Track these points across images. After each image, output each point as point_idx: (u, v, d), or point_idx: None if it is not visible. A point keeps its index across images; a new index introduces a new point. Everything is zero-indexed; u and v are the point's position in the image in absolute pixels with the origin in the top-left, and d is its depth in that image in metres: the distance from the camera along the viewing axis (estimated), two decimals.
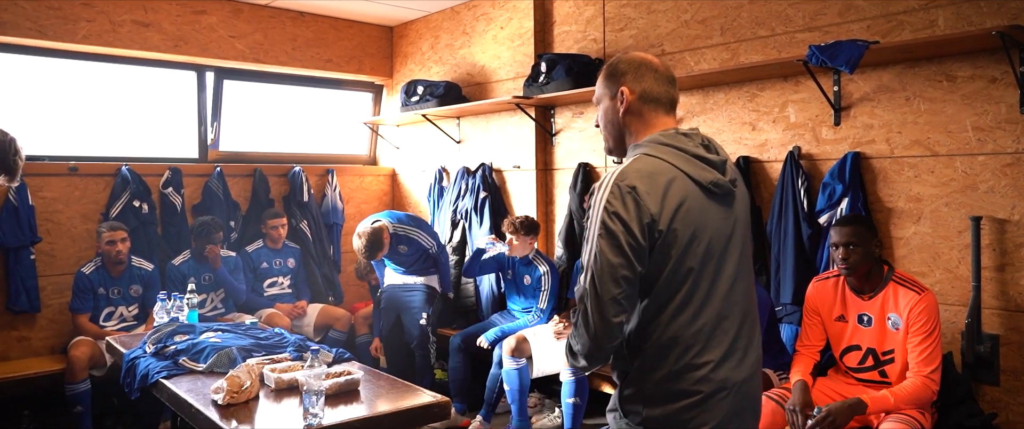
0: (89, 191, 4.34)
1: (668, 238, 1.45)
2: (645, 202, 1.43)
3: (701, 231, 1.48)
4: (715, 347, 1.50)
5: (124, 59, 4.58)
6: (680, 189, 1.47)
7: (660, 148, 1.52)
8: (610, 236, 1.43)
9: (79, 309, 3.93)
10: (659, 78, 1.59)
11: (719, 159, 1.54)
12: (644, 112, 1.59)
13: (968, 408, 2.67)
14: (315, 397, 2.19)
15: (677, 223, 1.45)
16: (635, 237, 1.43)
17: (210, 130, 4.96)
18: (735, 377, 1.52)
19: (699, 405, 1.48)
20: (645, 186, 1.44)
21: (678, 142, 1.53)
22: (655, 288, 1.48)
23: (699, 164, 1.51)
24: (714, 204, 1.52)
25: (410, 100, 5.00)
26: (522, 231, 3.98)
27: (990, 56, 2.81)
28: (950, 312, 2.94)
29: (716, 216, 1.52)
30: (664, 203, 1.44)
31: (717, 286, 1.51)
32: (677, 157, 1.51)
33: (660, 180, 1.46)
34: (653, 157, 1.51)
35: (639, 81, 1.59)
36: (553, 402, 4.04)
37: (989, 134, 2.83)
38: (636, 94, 1.59)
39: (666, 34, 3.91)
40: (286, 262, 4.77)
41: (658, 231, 1.44)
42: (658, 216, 1.44)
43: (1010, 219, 2.79)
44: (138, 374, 2.84)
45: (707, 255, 1.49)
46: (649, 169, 1.48)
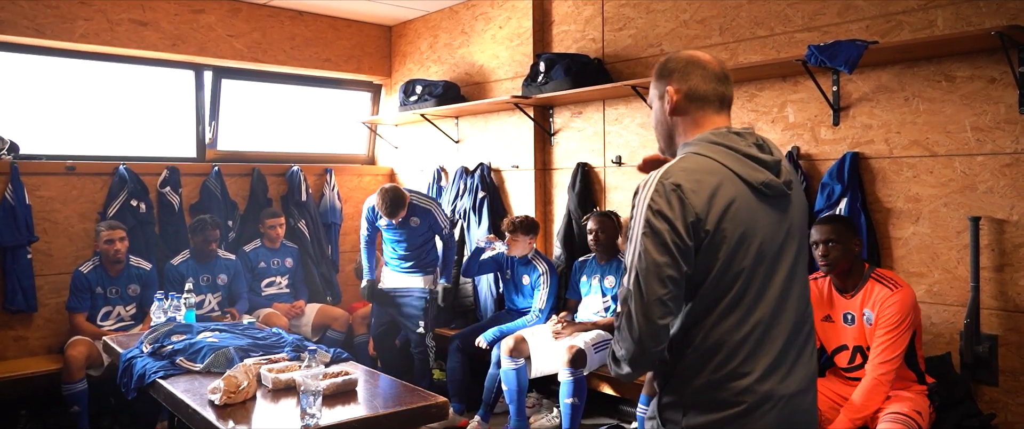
0: (86, 190, 4.33)
1: (715, 238, 1.39)
2: (690, 200, 1.37)
3: (751, 233, 1.41)
4: (762, 356, 1.42)
5: (122, 58, 4.57)
6: (729, 189, 1.41)
7: (709, 147, 1.46)
8: (655, 235, 1.37)
9: (76, 308, 3.92)
10: (707, 76, 1.52)
11: (772, 159, 1.47)
12: (692, 111, 1.53)
13: (967, 408, 2.67)
14: (312, 397, 2.18)
15: (725, 223, 1.39)
16: (680, 236, 1.37)
17: (208, 129, 4.95)
18: (782, 390, 1.43)
19: (741, 417, 1.40)
20: (691, 184, 1.38)
21: (729, 141, 1.46)
22: (701, 290, 1.41)
23: (750, 164, 1.45)
24: (765, 206, 1.44)
25: (409, 100, 5.00)
26: (521, 231, 3.98)
27: (989, 56, 2.80)
28: (949, 312, 2.93)
29: (768, 219, 1.45)
30: (711, 202, 1.38)
31: (767, 292, 1.43)
32: (727, 156, 1.44)
33: (707, 179, 1.40)
34: (701, 156, 1.45)
35: (685, 80, 1.53)
36: (551, 402, 4.03)
37: (988, 134, 2.83)
38: (682, 93, 1.53)
39: (665, 34, 3.90)
40: (284, 262, 4.76)
41: (705, 231, 1.38)
42: (704, 215, 1.37)
43: (1009, 219, 2.79)
44: (135, 374, 2.84)
45: (758, 259, 1.42)
46: (696, 167, 1.42)
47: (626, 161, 4.11)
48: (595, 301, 3.89)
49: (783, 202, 1.48)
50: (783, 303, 1.45)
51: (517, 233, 3.98)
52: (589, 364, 3.56)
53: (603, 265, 3.88)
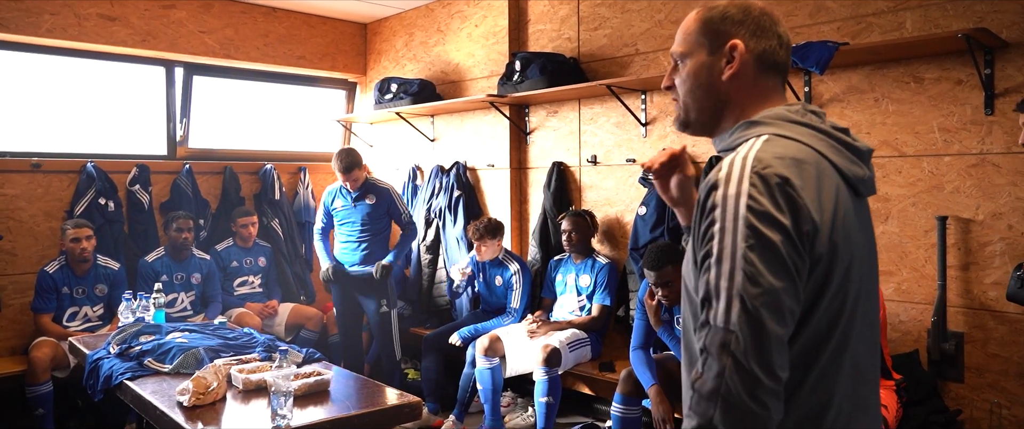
0: (53, 188, 4.24)
1: (829, 255, 1.00)
2: (804, 201, 0.98)
3: (854, 246, 1.05)
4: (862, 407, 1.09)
5: (90, 54, 4.48)
6: (833, 186, 1.04)
7: (795, 128, 1.07)
8: (766, 249, 0.96)
9: (41, 309, 3.84)
10: (783, 41, 1.15)
11: (866, 148, 1.12)
12: (760, 81, 1.14)
13: (934, 404, 2.72)
14: (283, 398, 2.15)
15: (837, 234, 1.01)
16: (798, 250, 0.97)
17: (179, 126, 4.87)
18: None
19: None
20: (799, 179, 0.99)
21: (814, 122, 1.08)
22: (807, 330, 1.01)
23: (847, 153, 1.08)
24: (860, 211, 1.10)
25: (384, 98, 4.96)
26: (488, 235, 4.00)
27: (956, 58, 2.85)
28: (916, 310, 2.98)
29: (862, 223, 1.10)
30: (822, 204, 1.01)
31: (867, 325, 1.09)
32: (821, 142, 1.07)
33: (810, 172, 1.02)
34: (790, 140, 1.05)
35: (761, 37, 1.13)
36: (526, 401, 4.03)
37: (955, 135, 2.88)
38: (755, 54, 1.13)
39: (640, 34, 3.92)
40: (257, 261, 4.70)
41: (820, 244, 1.00)
42: (819, 222, 1.00)
43: (974, 219, 2.84)
44: (102, 375, 2.78)
45: (861, 282, 1.07)
46: (794, 155, 1.02)
47: (601, 160, 4.12)
48: (570, 300, 3.90)
49: (866, 206, 1.15)
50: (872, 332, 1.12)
51: (484, 238, 3.99)
52: (564, 363, 3.56)
53: (578, 264, 3.88)
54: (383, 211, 4.26)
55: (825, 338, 1.02)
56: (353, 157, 4.15)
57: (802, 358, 1.01)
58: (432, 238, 4.83)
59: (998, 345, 2.80)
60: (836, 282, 1.01)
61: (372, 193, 4.23)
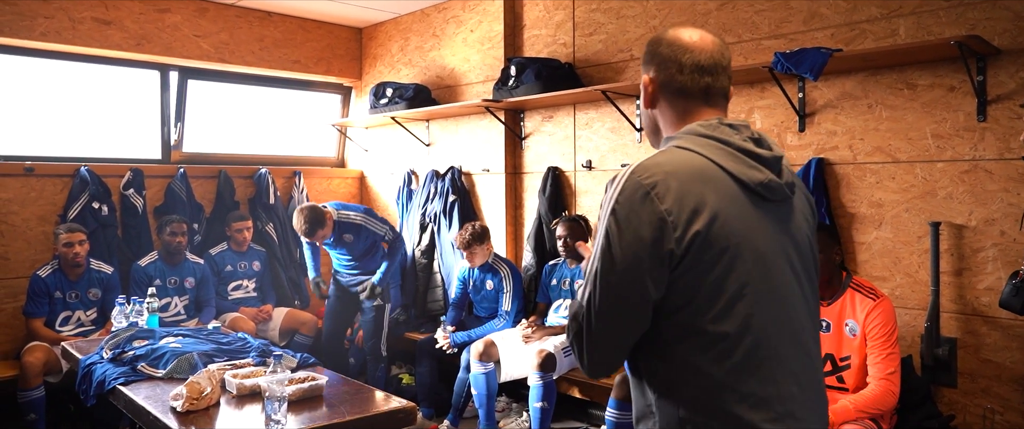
0: (46, 192, 4.22)
1: (702, 254, 1.13)
2: (665, 205, 1.12)
3: (746, 246, 1.16)
4: (778, 399, 1.16)
5: (84, 57, 4.47)
6: (718, 191, 1.16)
7: (696, 140, 1.22)
8: (617, 247, 1.13)
9: (33, 313, 3.82)
10: (686, 65, 1.27)
11: (772, 155, 1.22)
12: (674, 103, 1.29)
13: (927, 410, 2.72)
14: (277, 403, 2.14)
15: (714, 233, 1.13)
16: (648, 250, 1.12)
17: (173, 131, 4.86)
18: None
19: None
20: (670, 186, 1.13)
21: (720, 133, 1.21)
22: (689, 319, 1.15)
23: (746, 160, 1.19)
24: (763, 212, 1.19)
25: (379, 102, 4.96)
26: (476, 242, 3.98)
27: (949, 65, 2.87)
28: (910, 316, 2.99)
29: (768, 227, 1.20)
30: (696, 208, 1.13)
31: (775, 319, 1.18)
32: (717, 151, 1.19)
33: (694, 179, 1.15)
34: (685, 150, 1.20)
35: (662, 68, 1.29)
36: (521, 406, 4.03)
37: (948, 141, 2.90)
38: (660, 82, 1.30)
39: (635, 39, 3.93)
40: (251, 265, 4.69)
41: (686, 245, 1.12)
42: (685, 223, 1.12)
43: (967, 225, 2.86)
44: (94, 380, 2.76)
45: (757, 277, 1.16)
46: (680, 163, 1.17)
47: (596, 165, 4.13)
48: (565, 305, 3.90)
49: (783, 207, 1.24)
50: (796, 331, 1.21)
51: (473, 246, 3.98)
52: (559, 368, 3.56)
53: (573, 269, 3.89)
54: (365, 242, 4.24)
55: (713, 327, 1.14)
56: (313, 219, 3.96)
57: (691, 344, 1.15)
58: (427, 243, 4.83)
59: (991, 350, 2.82)
60: (715, 277, 1.13)
61: (348, 232, 4.17)
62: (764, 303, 1.17)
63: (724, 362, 1.14)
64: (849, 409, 2.45)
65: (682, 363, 1.16)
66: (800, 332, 1.22)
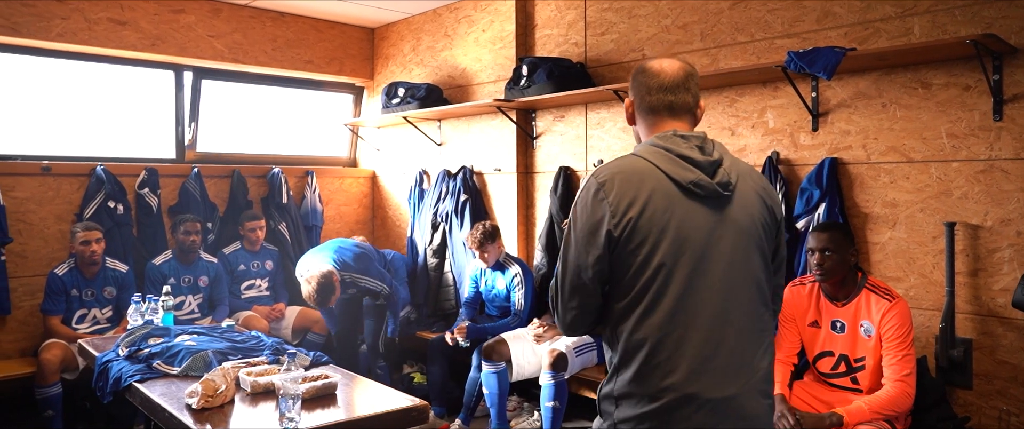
0: (62, 191, 4.26)
1: (635, 236, 1.45)
2: (611, 199, 1.47)
3: (668, 228, 1.45)
4: (687, 356, 1.43)
5: (100, 58, 4.51)
6: (651, 186, 1.47)
7: (647, 148, 1.55)
8: (576, 232, 1.51)
9: (51, 311, 3.86)
10: (652, 87, 1.61)
11: (707, 160, 1.50)
12: (646, 119, 1.63)
13: (941, 412, 2.70)
14: (291, 401, 2.16)
15: (643, 220, 1.45)
16: (599, 234, 1.47)
17: (188, 130, 4.90)
18: (711, 393, 1.43)
19: (663, 414, 1.43)
20: (614, 184, 1.48)
21: (669, 143, 1.53)
22: (623, 286, 1.48)
23: (681, 163, 1.49)
24: (694, 203, 1.48)
25: (391, 102, 4.98)
26: (488, 241, 3.99)
27: (964, 64, 2.85)
28: (924, 317, 2.97)
29: (695, 217, 1.47)
30: (633, 201, 1.46)
31: (694, 291, 1.45)
32: (658, 156, 1.51)
33: (633, 178, 1.48)
34: (636, 156, 1.54)
35: (636, 90, 1.64)
36: (532, 406, 4.03)
37: (963, 141, 2.88)
38: (635, 104, 1.66)
39: (647, 39, 3.93)
40: (264, 264, 4.72)
41: (624, 229, 1.45)
42: (622, 212, 1.46)
43: (983, 225, 2.83)
44: (111, 377, 2.79)
45: (677, 255, 1.45)
46: (625, 167, 1.51)
47: None
48: None
49: (718, 202, 1.50)
50: (719, 303, 1.46)
51: (485, 245, 3.99)
52: (570, 367, 3.56)
53: None
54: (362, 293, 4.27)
55: (642, 293, 1.46)
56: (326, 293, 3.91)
57: (624, 306, 1.48)
58: (438, 242, 4.85)
59: (1007, 352, 2.79)
60: (644, 253, 1.45)
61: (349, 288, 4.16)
62: (682, 277, 1.45)
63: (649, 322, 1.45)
64: (864, 410, 2.44)
65: (618, 321, 1.50)
66: (723, 301, 1.47)
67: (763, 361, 1.52)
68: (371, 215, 5.76)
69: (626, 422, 1.47)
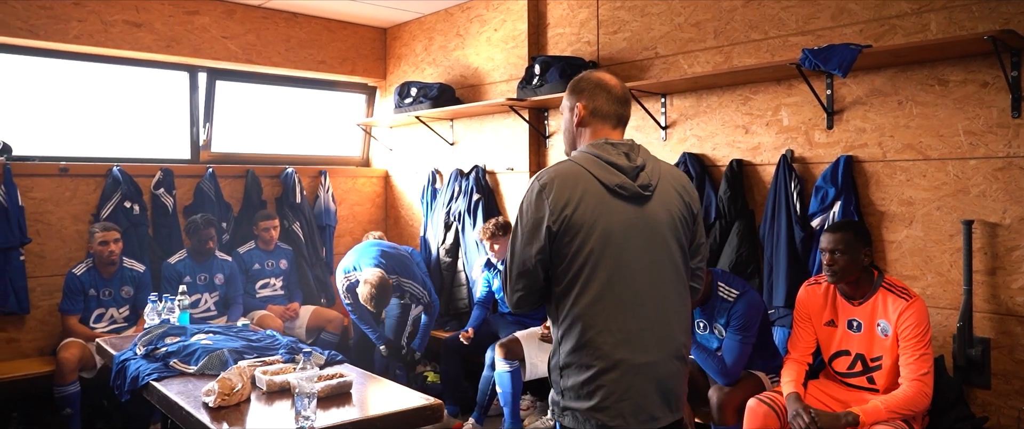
0: (79, 192, 4.31)
1: (569, 229, 1.71)
2: (550, 198, 1.72)
3: (597, 224, 1.71)
4: (615, 329, 1.71)
5: (116, 59, 4.56)
6: (583, 188, 1.73)
7: (582, 154, 1.80)
8: (521, 226, 1.76)
9: (69, 310, 3.90)
10: (611, 98, 1.85)
11: (631, 166, 1.77)
12: (593, 124, 1.86)
13: (959, 411, 2.68)
14: (307, 400, 2.17)
15: (575, 217, 1.71)
16: (540, 228, 1.73)
17: (202, 131, 4.94)
18: (636, 358, 1.71)
19: (596, 378, 1.71)
20: (553, 185, 1.73)
21: (600, 150, 1.78)
22: (561, 270, 1.74)
23: (609, 168, 1.76)
24: (620, 202, 1.74)
25: (403, 102, 4.99)
26: (501, 233, 4.04)
27: (982, 60, 2.82)
28: (942, 315, 2.95)
29: (619, 214, 1.74)
30: (567, 200, 1.71)
31: (619, 274, 1.72)
32: (591, 162, 1.77)
33: (568, 180, 1.74)
34: (572, 161, 1.80)
35: (593, 99, 1.85)
36: (546, 405, 4.03)
37: (981, 138, 2.85)
38: (589, 110, 1.85)
39: (660, 37, 3.91)
40: (278, 264, 4.75)
41: (560, 223, 1.71)
42: (559, 211, 1.71)
43: (1001, 223, 2.80)
44: (128, 376, 2.82)
45: (603, 244, 1.71)
46: (562, 171, 1.76)
47: None
48: None
49: (639, 201, 1.77)
50: (640, 284, 1.74)
51: (498, 236, 4.03)
52: None
53: None
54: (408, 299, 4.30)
55: (575, 277, 1.73)
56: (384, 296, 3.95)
57: (562, 288, 1.75)
58: (451, 241, 4.86)
59: None
60: (576, 244, 1.71)
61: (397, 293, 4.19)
62: (608, 264, 1.71)
63: (580, 302, 1.72)
64: (880, 410, 2.42)
65: (558, 303, 1.77)
66: (644, 282, 1.74)
67: (680, 332, 1.80)
68: (384, 215, 5.78)
69: (571, 390, 1.75)
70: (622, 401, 1.71)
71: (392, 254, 4.25)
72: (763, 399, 2.66)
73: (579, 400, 1.73)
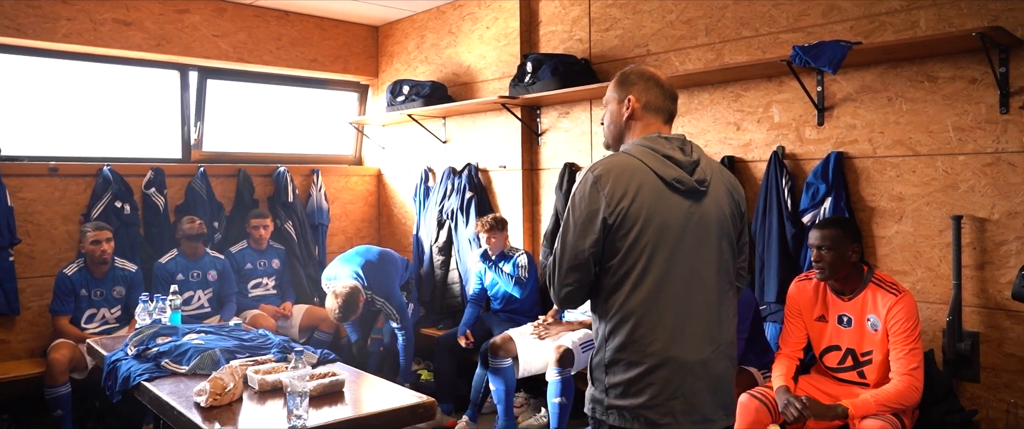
0: (69, 192, 4.29)
1: (624, 223, 1.67)
2: (606, 191, 1.68)
3: (655, 220, 1.68)
4: (667, 326, 1.68)
5: (105, 58, 4.53)
6: (639, 181, 1.69)
7: (638, 148, 1.76)
8: (574, 218, 1.71)
9: (60, 311, 3.88)
10: (663, 93, 1.83)
11: (688, 160, 1.74)
12: (644, 118, 1.82)
13: (949, 405, 2.69)
14: (299, 398, 2.17)
15: (632, 211, 1.67)
16: (594, 221, 1.68)
17: (193, 130, 4.92)
18: (685, 356, 1.68)
19: (646, 375, 1.67)
20: (609, 177, 1.69)
21: (655, 144, 1.75)
22: (613, 265, 1.70)
23: (666, 162, 1.72)
24: (676, 196, 1.71)
25: (396, 100, 4.99)
26: (497, 228, 4.10)
27: (971, 57, 2.84)
28: (931, 310, 2.97)
29: (675, 208, 1.70)
30: (624, 193, 1.67)
31: (673, 270, 1.69)
32: (648, 155, 1.73)
33: (625, 173, 1.70)
34: (627, 155, 1.75)
35: (646, 93, 1.82)
36: (539, 402, 4.04)
37: (969, 134, 2.86)
38: (641, 103, 1.82)
39: (651, 34, 3.92)
40: (271, 263, 4.74)
41: (615, 217, 1.67)
42: (615, 204, 1.67)
43: (990, 218, 2.82)
44: (119, 376, 2.81)
45: (659, 240, 1.68)
46: (618, 163, 1.72)
47: None
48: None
49: (695, 196, 1.74)
50: (691, 280, 1.71)
51: (494, 231, 4.09)
52: (577, 363, 3.56)
53: None
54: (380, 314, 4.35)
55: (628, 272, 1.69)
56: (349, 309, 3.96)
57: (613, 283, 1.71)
58: (444, 239, 4.85)
59: (1014, 344, 2.78)
60: (632, 238, 1.68)
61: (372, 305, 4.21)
62: (663, 259, 1.68)
63: (632, 298, 1.69)
64: (870, 403, 2.44)
65: (607, 298, 1.72)
66: (696, 279, 1.71)
67: (728, 330, 1.78)
68: (377, 213, 5.77)
69: (616, 387, 1.71)
70: (673, 399, 1.68)
71: (374, 267, 4.21)
72: (755, 394, 2.67)
73: (627, 397, 1.69)
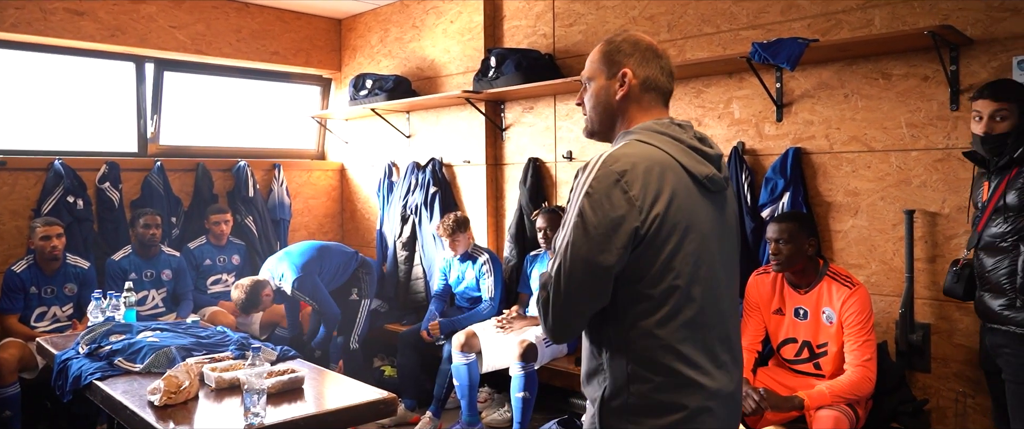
0: (19, 186, 4.15)
1: (659, 233, 1.29)
2: (633, 190, 1.28)
3: (693, 228, 1.33)
4: (710, 355, 1.35)
5: (57, 49, 4.39)
6: (673, 180, 1.32)
7: (655, 136, 1.37)
8: (587, 225, 1.28)
9: (8, 309, 3.76)
10: (663, 69, 1.46)
11: (715, 153, 1.42)
12: (644, 99, 1.44)
13: (901, 395, 2.77)
14: (256, 396, 2.13)
15: (670, 216, 1.30)
16: (619, 229, 1.27)
17: (150, 123, 4.80)
18: (725, 388, 1.36)
19: (689, 421, 1.31)
20: (637, 175, 1.29)
21: (674, 132, 1.39)
22: (642, 288, 1.31)
23: (695, 156, 1.37)
24: (707, 201, 1.38)
25: (359, 94, 4.93)
26: (459, 230, 4.01)
27: (923, 55, 2.91)
28: (885, 302, 3.04)
29: (709, 214, 1.37)
30: (657, 194, 1.29)
31: (711, 292, 1.35)
32: (673, 146, 1.36)
33: (654, 169, 1.31)
34: (647, 144, 1.35)
35: (645, 66, 1.44)
36: (503, 397, 4.04)
37: (921, 130, 2.94)
38: (640, 79, 1.43)
39: (614, 30, 3.93)
40: (231, 259, 4.65)
41: (651, 223, 1.28)
42: (649, 207, 1.28)
43: (941, 212, 2.90)
44: (70, 376, 2.73)
45: (699, 257, 1.33)
46: (643, 155, 1.32)
47: (577, 156, 4.14)
48: None
49: (721, 199, 1.42)
50: (723, 302, 1.39)
51: (456, 234, 4.00)
52: (540, 358, 3.57)
53: None
54: None
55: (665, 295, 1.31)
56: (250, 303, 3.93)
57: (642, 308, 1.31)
58: (408, 235, 4.82)
59: (963, 335, 2.87)
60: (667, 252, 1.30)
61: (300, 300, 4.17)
62: (703, 277, 1.34)
63: (668, 325, 1.31)
64: (825, 394, 2.48)
65: (633, 325, 1.32)
66: (724, 303, 1.40)
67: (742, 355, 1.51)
68: (340, 208, 5.71)
69: None
70: None
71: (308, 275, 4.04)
72: None
73: None
